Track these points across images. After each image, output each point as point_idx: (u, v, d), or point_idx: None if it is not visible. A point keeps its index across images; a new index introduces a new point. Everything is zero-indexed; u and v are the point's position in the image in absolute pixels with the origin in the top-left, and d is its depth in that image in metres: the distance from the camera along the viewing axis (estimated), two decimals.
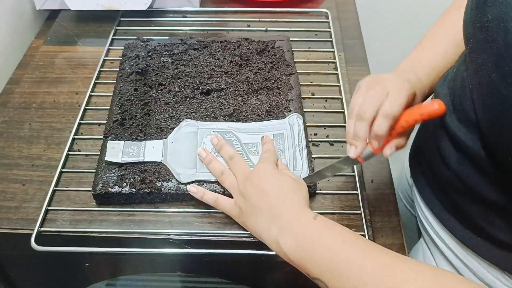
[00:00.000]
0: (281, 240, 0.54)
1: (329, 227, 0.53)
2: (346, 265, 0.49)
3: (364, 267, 0.48)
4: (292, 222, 0.55)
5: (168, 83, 0.79)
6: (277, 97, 0.77)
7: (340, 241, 0.51)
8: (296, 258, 0.53)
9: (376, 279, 0.47)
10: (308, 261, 0.52)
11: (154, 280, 0.90)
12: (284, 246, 0.53)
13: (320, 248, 0.51)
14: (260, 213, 0.57)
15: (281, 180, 0.59)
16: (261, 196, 0.58)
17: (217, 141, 0.68)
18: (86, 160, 0.72)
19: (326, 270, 0.50)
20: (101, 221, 0.65)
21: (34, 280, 0.78)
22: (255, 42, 0.88)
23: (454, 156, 0.61)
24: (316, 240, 0.52)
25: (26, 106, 0.81)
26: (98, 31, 0.97)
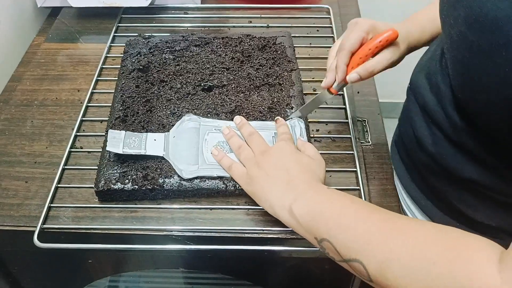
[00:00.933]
0: (294, 206, 0.55)
1: (340, 193, 0.56)
2: (353, 219, 0.50)
3: (370, 219, 0.49)
4: (307, 191, 0.56)
5: (169, 79, 0.79)
6: (279, 93, 0.77)
7: (349, 201, 0.54)
8: (306, 220, 0.54)
9: (381, 228, 0.48)
10: (317, 222, 0.53)
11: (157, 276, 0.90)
12: (296, 211, 0.55)
13: (330, 207, 0.53)
14: (275, 183, 0.58)
15: (299, 158, 0.61)
16: (279, 170, 0.59)
17: (240, 119, 0.70)
18: (88, 157, 0.72)
19: (334, 226, 0.51)
20: (103, 218, 0.65)
21: (37, 277, 0.78)
22: (256, 38, 0.88)
23: (430, 137, 0.66)
24: (326, 201, 0.54)
25: (28, 103, 0.81)
26: (99, 28, 0.97)
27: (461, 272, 0.40)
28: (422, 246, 0.44)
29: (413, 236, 0.45)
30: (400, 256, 0.44)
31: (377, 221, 0.49)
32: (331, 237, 0.51)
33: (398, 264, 0.44)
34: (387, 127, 0.78)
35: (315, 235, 0.53)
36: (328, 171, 0.70)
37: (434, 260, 0.42)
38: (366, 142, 0.76)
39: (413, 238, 0.45)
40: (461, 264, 0.40)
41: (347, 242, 0.49)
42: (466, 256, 0.41)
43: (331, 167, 0.71)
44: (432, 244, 0.44)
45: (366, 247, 0.47)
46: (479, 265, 0.40)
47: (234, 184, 0.65)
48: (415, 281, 0.43)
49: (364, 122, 0.79)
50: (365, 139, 0.76)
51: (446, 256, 0.41)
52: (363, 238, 0.48)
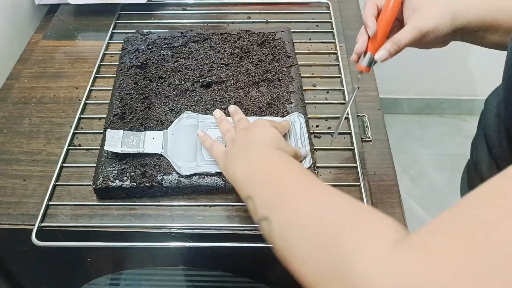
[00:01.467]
0: (238, 167, 0.54)
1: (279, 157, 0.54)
2: (277, 179, 0.49)
3: (293, 181, 0.48)
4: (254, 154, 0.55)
5: (168, 76, 0.79)
6: (278, 89, 0.76)
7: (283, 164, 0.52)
8: (241, 178, 0.53)
9: (298, 190, 0.46)
10: (248, 180, 0.52)
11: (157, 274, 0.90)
12: (238, 169, 0.54)
13: (264, 167, 0.52)
14: (236, 154, 0.57)
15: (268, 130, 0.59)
16: (244, 141, 0.58)
17: (234, 108, 0.69)
18: (86, 154, 0.72)
19: (259, 184, 0.50)
20: (102, 215, 0.65)
21: (36, 275, 0.78)
22: (255, 34, 0.87)
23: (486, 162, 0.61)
24: (263, 162, 0.53)
25: (25, 101, 0.80)
26: (97, 25, 0.96)
27: (352, 241, 0.36)
28: (327, 210, 0.42)
29: (324, 200, 0.44)
30: (304, 215, 0.42)
31: (297, 184, 0.48)
32: (253, 194, 0.50)
33: (298, 224, 0.42)
34: (387, 123, 0.78)
35: (244, 192, 0.52)
36: (328, 167, 0.70)
37: (331, 224, 0.39)
38: (367, 138, 0.75)
39: (323, 201, 0.44)
40: (355, 234, 0.37)
41: (265, 200, 0.48)
42: (364, 227, 0.38)
43: (331, 163, 0.70)
44: (337, 211, 0.41)
45: (280, 205, 0.46)
46: (373, 239, 0.36)
47: None
48: (309, 242, 0.40)
49: (364, 117, 0.78)
50: (365, 135, 0.76)
51: (344, 224, 0.39)
52: (281, 196, 0.47)
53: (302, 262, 0.40)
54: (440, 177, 1.74)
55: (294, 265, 0.41)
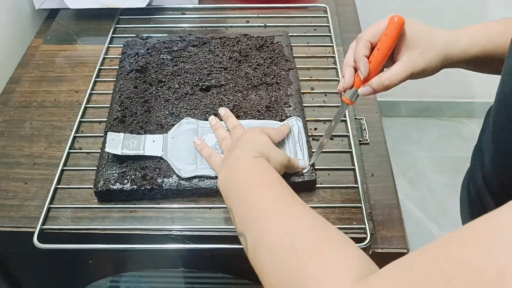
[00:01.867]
0: (220, 175, 0.56)
1: (258, 164, 0.54)
2: (254, 194, 0.50)
3: (268, 197, 0.49)
4: (233, 158, 0.56)
5: (167, 80, 0.80)
6: (277, 92, 0.77)
7: (260, 176, 0.52)
8: (223, 188, 0.54)
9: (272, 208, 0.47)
10: (229, 189, 0.53)
11: (158, 276, 0.91)
12: (220, 179, 0.55)
13: (243, 179, 0.52)
14: (226, 165, 0.58)
15: (258, 138, 0.61)
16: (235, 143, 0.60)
17: (224, 112, 0.71)
18: (87, 158, 0.72)
19: (237, 197, 0.51)
20: (103, 218, 0.65)
21: (38, 277, 0.78)
22: (254, 38, 0.88)
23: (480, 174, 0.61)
24: (242, 172, 0.54)
25: (26, 105, 0.81)
26: (97, 30, 0.97)
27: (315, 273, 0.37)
28: (295, 235, 0.42)
29: (294, 222, 0.44)
30: (273, 237, 0.43)
31: (272, 200, 0.48)
32: (234, 208, 0.51)
33: (268, 246, 0.43)
34: (385, 126, 0.78)
35: (227, 203, 0.53)
36: (326, 169, 0.70)
37: (297, 251, 0.40)
38: (364, 141, 0.76)
39: (292, 224, 0.44)
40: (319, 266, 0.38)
41: (242, 215, 0.49)
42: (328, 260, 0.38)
43: (329, 165, 0.71)
44: (305, 237, 0.42)
45: (253, 223, 0.47)
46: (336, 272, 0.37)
47: None
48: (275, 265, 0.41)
49: (362, 120, 0.79)
50: (363, 138, 0.76)
51: (310, 253, 0.39)
52: (254, 214, 0.47)
53: (269, 282, 0.42)
54: (438, 179, 1.75)
55: (264, 281, 0.43)
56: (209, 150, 0.66)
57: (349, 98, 0.58)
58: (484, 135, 0.62)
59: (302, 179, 0.66)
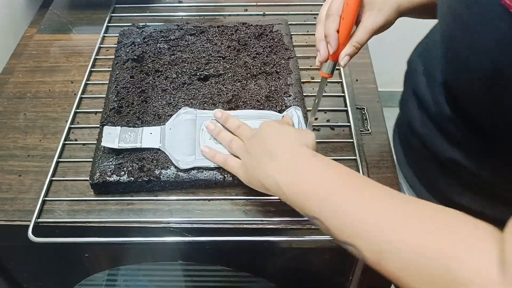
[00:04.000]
0: (278, 177, 0.53)
1: (328, 162, 0.53)
2: (346, 199, 0.48)
3: (365, 201, 0.47)
4: (288, 159, 0.54)
5: (165, 69, 0.78)
6: (276, 81, 0.76)
7: (338, 173, 0.51)
8: (293, 195, 0.52)
9: (376, 213, 0.45)
10: (305, 198, 0.50)
11: (156, 269, 0.90)
12: (281, 182, 0.53)
13: (317, 186, 0.50)
14: (262, 162, 0.56)
15: (281, 129, 0.59)
16: (263, 147, 0.57)
17: (221, 114, 0.68)
18: (83, 149, 0.71)
19: (325, 206, 0.48)
20: (99, 211, 0.64)
21: (33, 272, 0.77)
22: (252, 26, 0.86)
23: (419, 120, 0.67)
24: (313, 177, 0.51)
25: (20, 96, 0.79)
26: (92, 19, 0.95)
27: (461, 272, 0.38)
28: (421, 240, 0.41)
29: (412, 226, 0.43)
30: (398, 248, 0.42)
31: (372, 204, 0.46)
32: (322, 218, 0.48)
33: (396, 257, 0.42)
34: (386, 116, 0.77)
35: (305, 211, 0.51)
36: None
37: (434, 256, 0.40)
38: (366, 130, 0.75)
39: (411, 229, 0.43)
40: (461, 263, 0.38)
41: (340, 226, 0.47)
42: (467, 254, 0.39)
43: (330, 155, 0.70)
44: (432, 238, 0.41)
45: (362, 234, 0.45)
46: (480, 266, 0.38)
47: (231, 175, 0.64)
48: (414, 274, 0.41)
49: (363, 110, 0.77)
50: (364, 127, 0.75)
51: (446, 253, 0.39)
52: (358, 224, 0.45)
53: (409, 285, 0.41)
54: None
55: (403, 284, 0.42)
56: (222, 156, 0.64)
57: (326, 72, 0.62)
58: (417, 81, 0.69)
59: None
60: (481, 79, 0.51)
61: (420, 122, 0.68)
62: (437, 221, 0.43)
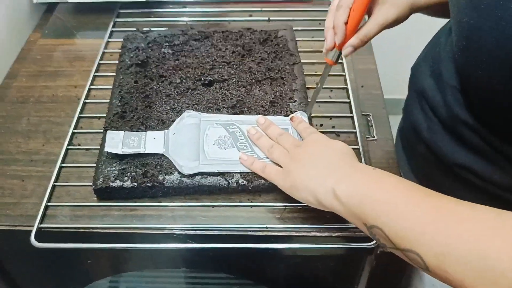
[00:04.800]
0: (337, 187, 0.52)
1: (386, 173, 0.53)
2: (405, 205, 0.47)
3: (423, 205, 0.46)
4: (350, 172, 0.54)
5: (169, 74, 0.77)
6: (281, 87, 0.75)
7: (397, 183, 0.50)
8: (352, 203, 0.51)
9: (435, 216, 0.45)
10: (364, 205, 0.50)
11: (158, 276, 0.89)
12: (340, 193, 0.52)
13: (378, 190, 0.50)
14: (314, 168, 0.56)
15: (334, 144, 0.59)
16: (317, 157, 0.57)
17: (263, 120, 0.68)
18: (86, 154, 0.70)
19: (384, 212, 0.48)
20: (102, 216, 0.63)
21: (35, 277, 0.76)
22: (257, 32, 0.86)
23: (425, 124, 0.67)
24: (373, 182, 0.51)
25: (23, 100, 0.79)
26: (96, 24, 0.95)
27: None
28: (480, 239, 0.41)
29: (470, 226, 0.43)
30: (458, 249, 0.42)
31: (431, 208, 0.46)
32: (381, 224, 0.48)
33: (457, 258, 0.42)
34: (391, 124, 0.77)
35: (363, 220, 0.50)
36: None
37: (495, 256, 0.40)
38: (371, 137, 0.74)
39: (470, 228, 0.42)
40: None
41: (399, 231, 0.46)
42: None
43: None
44: (491, 236, 0.41)
45: (421, 238, 0.44)
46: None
47: (236, 181, 0.64)
48: (477, 276, 0.40)
49: (368, 116, 0.77)
50: (370, 134, 0.74)
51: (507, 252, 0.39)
52: (417, 228, 0.45)
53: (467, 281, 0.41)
54: None
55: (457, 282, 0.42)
56: (261, 163, 0.63)
57: (331, 59, 0.65)
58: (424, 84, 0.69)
59: None
60: (504, 69, 0.50)
61: (427, 127, 0.67)
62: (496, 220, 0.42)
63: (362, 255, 0.66)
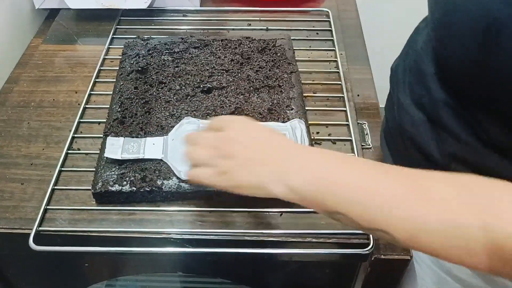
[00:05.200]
0: (290, 177, 0.48)
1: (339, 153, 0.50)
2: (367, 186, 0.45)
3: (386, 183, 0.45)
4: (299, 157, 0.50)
5: (168, 81, 0.79)
6: (279, 95, 0.76)
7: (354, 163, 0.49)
8: (309, 192, 0.48)
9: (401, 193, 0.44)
10: (322, 193, 0.47)
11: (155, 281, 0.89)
12: (294, 183, 0.48)
13: (335, 172, 0.47)
14: (258, 162, 0.51)
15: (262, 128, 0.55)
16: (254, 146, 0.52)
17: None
18: (85, 159, 0.71)
19: (345, 197, 0.46)
20: (101, 220, 0.64)
21: (32, 281, 0.77)
22: (256, 40, 0.87)
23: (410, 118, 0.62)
24: (327, 165, 0.48)
25: (24, 105, 0.80)
26: (98, 30, 0.96)
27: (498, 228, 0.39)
28: (451, 209, 0.41)
29: (439, 197, 0.42)
30: (430, 224, 0.41)
31: (395, 183, 0.44)
32: (345, 210, 0.45)
33: (430, 233, 0.42)
34: None
35: (323, 208, 0.47)
36: None
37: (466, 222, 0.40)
38: (367, 145, 0.75)
39: (439, 200, 0.42)
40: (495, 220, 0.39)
41: (365, 214, 0.45)
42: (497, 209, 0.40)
43: None
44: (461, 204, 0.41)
45: (390, 216, 0.43)
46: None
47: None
48: (451, 245, 0.41)
49: (364, 125, 0.78)
50: (365, 142, 0.75)
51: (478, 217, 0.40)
52: (384, 207, 0.43)
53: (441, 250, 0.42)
54: None
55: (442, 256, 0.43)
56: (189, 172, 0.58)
57: None
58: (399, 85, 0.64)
59: None
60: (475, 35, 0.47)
61: (411, 123, 0.63)
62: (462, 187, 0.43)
63: (357, 262, 0.67)
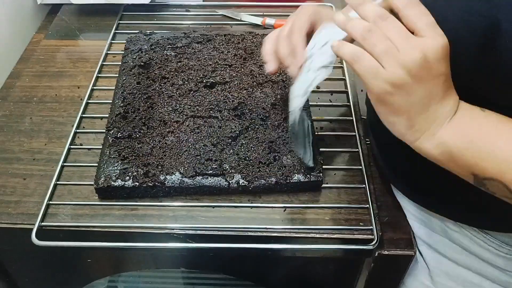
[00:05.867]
0: (441, 132, 0.45)
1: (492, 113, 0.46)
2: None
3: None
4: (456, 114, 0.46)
5: (171, 76, 0.78)
6: (282, 90, 0.76)
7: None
8: (458, 150, 0.44)
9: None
10: (475, 155, 0.44)
11: (157, 277, 0.89)
12: (446, 138, 0.45)
13: (490, 134, 0.44)
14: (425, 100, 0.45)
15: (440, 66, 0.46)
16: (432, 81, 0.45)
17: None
18: (88, 154, 0.71)
19: (502, 164, 0.42)
20: (103, 215, 0.64)
21: (35, 276, 0.77)
22: (259, 35, 0.86)
23: None
24: (485, 125, 0.45)
25: (27, 100, 0.80)
26: (100, 25, 0.96)
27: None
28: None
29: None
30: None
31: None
32: (503, 177, 0.42)
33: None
34: None
35: (474, 171, 0.44)
36: (333, 168, 0.69)
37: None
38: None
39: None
40: None
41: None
42: None
43: (336, 165, 0.70)
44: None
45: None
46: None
47: (236, 181, 0.64)
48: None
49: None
50: (369, 137, 0.75)
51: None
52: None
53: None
54: None
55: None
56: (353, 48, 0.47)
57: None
58: None
59: (308, 179, 0.65)
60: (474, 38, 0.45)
61: None
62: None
63: (361, 258, 0.67)
